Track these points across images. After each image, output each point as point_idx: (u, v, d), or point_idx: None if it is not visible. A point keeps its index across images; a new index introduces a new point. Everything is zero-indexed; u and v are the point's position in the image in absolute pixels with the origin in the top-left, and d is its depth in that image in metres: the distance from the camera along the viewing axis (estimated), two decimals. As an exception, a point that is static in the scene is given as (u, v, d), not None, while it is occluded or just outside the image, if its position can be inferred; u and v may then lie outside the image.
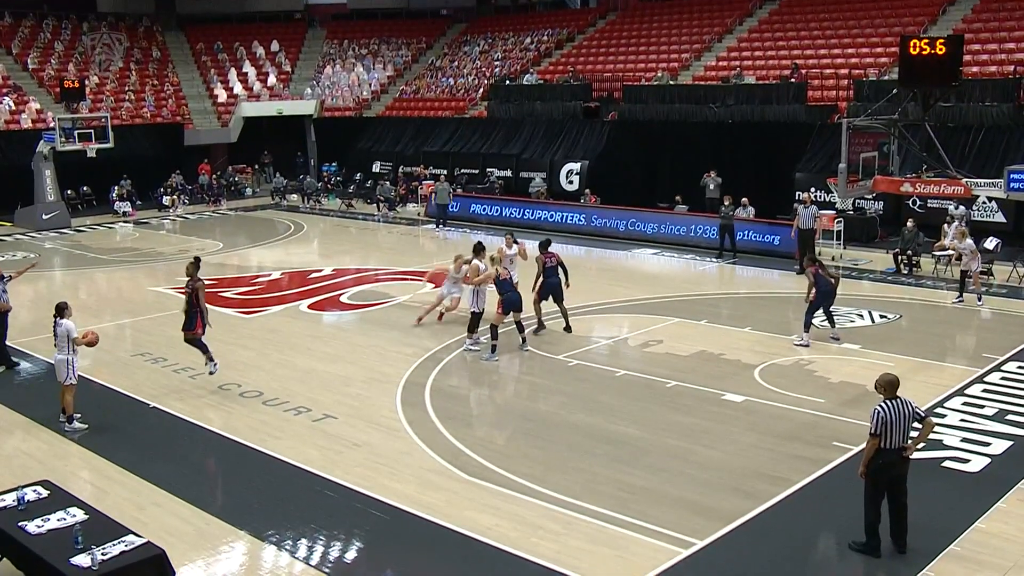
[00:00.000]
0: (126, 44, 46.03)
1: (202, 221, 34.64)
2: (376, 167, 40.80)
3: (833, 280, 16.67)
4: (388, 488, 11.04)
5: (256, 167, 43.48)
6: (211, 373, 14.78)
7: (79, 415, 13.24)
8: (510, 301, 16.48)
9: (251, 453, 12.27)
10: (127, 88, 43.03)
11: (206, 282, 15.33)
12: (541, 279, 17.74)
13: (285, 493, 11.10)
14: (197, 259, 14.91)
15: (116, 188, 35.97)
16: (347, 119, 43.86)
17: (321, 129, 44.13)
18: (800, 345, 16.60)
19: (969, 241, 19.79)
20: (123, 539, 8.32)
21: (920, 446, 9.68)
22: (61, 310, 13.16)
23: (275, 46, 48.38)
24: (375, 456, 12.07)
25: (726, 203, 25.48)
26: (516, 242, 18.79)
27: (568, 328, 17.68)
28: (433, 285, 20.13)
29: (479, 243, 17.46)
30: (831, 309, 16.98)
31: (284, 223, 33.37)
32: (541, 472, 11.43)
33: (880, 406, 9.19)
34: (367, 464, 11.81)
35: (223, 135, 43.03)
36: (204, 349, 14.73)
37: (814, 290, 16.58)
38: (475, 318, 16.56)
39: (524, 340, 16.71)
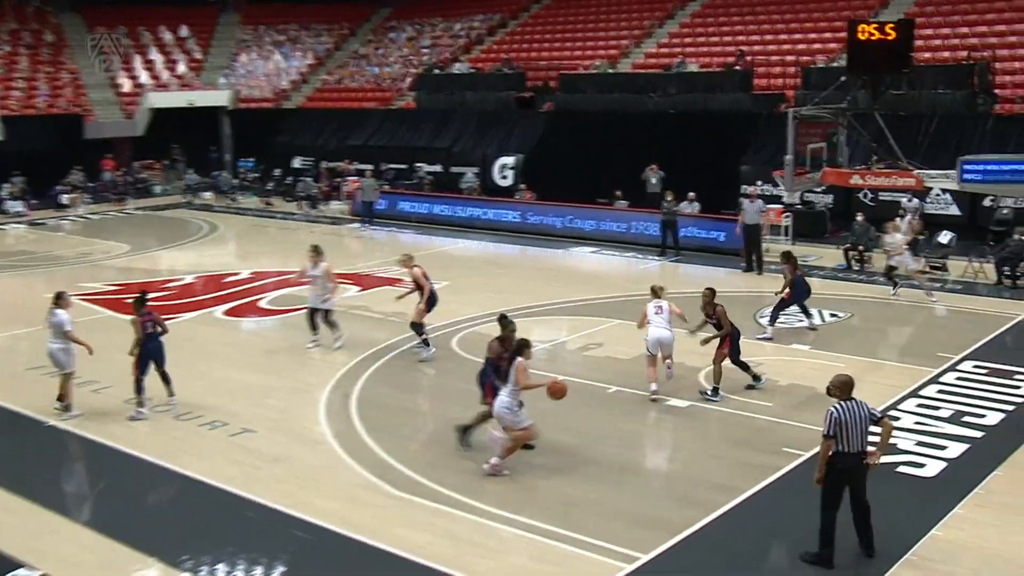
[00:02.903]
0: (13, 26, 44.84)
1: (106, 221, 33.98)
2: (297, 162, 40.45)
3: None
4: (312, 506, 10.92)
5: (166, 163, 42.75)
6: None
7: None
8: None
9: (162, 472, 12.04)
10: (16, 75, 41.97)
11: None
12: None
13: (200, 515, 10.92)
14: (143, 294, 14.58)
15: (7, 186, 35.12)
16: (264, 111, 43.40)
17: (236, 122, 43.58)
18: (764, 339, 16.97)
19: (899, 235, 20.34)
20: (14, 573, 8.08)
21: (882, 453, 9.84)
22: (58, 299, 13.81)
23: (184, 31, 47.63)
24: (298, 472, 11.94)
25: (668, 198, 25.71)
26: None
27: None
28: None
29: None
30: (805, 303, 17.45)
31: (197, 223, 32.92)
32: (476, 485, 11.40)
33: (834, 407, 9.33)
34: (289, 481, 11.67)
35: (128, 128, 42.23)
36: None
37: (788, 289, 17.01)
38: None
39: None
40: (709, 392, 14.28)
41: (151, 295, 15.08)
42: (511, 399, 11.53)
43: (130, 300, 14.71)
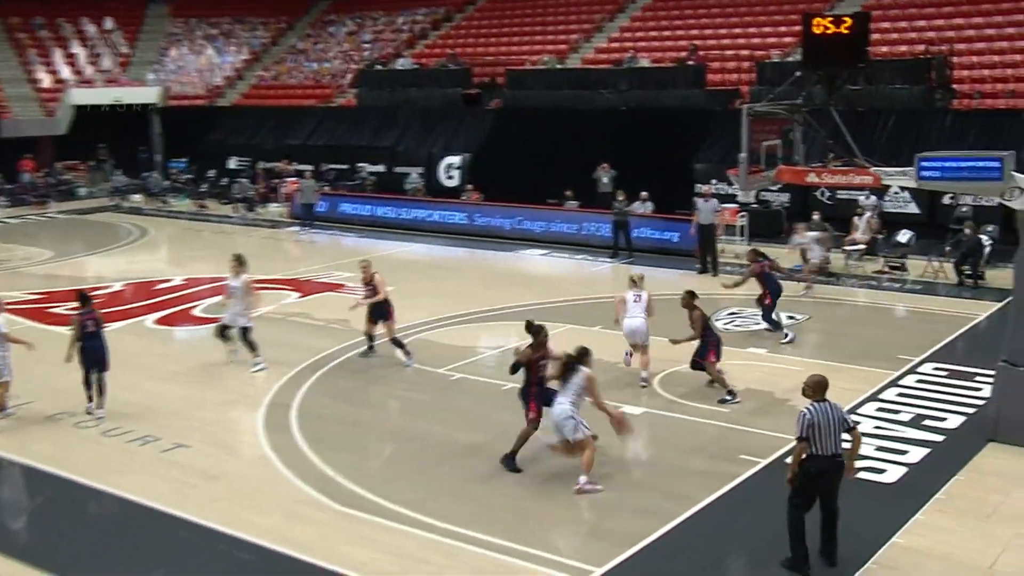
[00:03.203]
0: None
1: (26, 226, 33.40)
2: (232, 163, 40.09)
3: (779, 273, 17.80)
4: (250, 523, 10.83)
5: (91, 163, 42.19)
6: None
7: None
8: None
9: (88, 492, 11.86)
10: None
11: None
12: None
13: (130, 536, 10.78)
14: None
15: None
16: (197, 109, 42.99)
17: (167, 120, 43.06)
18: (787, 342, 17.46)
19: (812, 234, 20.79)
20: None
21: (854, 462, 10.02)
22: None
23: (109, 23, 46.96)
24: (235, 488, 11.84)
25: (620, 198, 25.85)
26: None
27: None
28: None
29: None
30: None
31: (126, 227, 32.51)
32: (422, 498, 11.37)
33: (807, 409, 9.52)
34: (226, 498, 11.56)
35: (49, 126, 41.59)
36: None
37: (764, 291, 17.38)
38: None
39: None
40: (727, 397, 14.53)
41: (76, 304, 14.85)
42: (573, 408, 11.56)
43: (55, 309, 14.55)
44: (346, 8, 47.88)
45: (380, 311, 16.61)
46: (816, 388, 9.65)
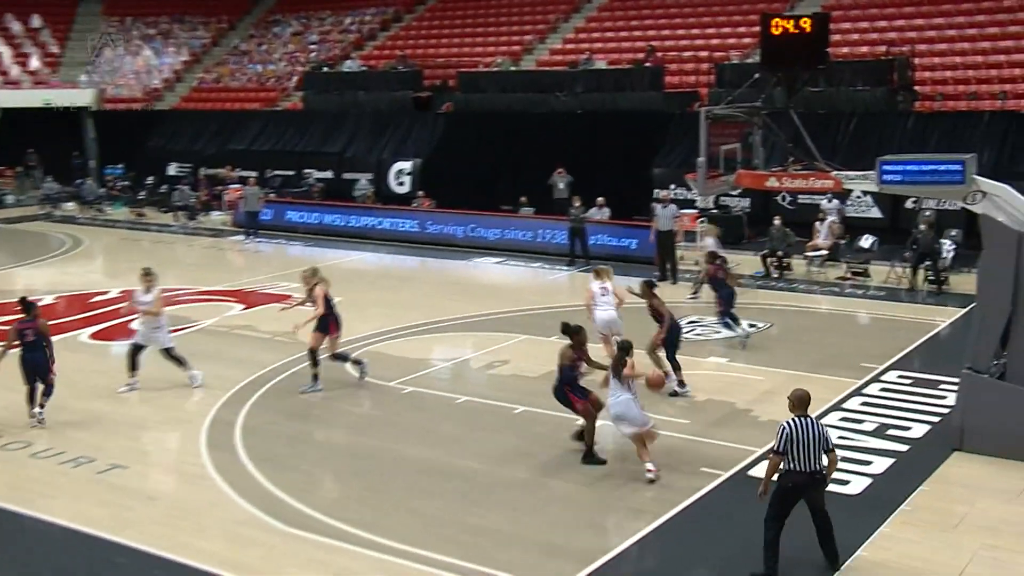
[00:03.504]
0: None
1: (-48, 236, 32.97)
2: (172, 169, 39.83)
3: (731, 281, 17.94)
4: (192, 548, 10.72)
5: (19, 170, 41.73)
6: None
7: None
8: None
9: (15, 518, 11.64)
10: None
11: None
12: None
13: (62, 564, 10.62)
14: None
15: None
16: (134, 112, 42.70)
17: (102, 124, 42.71)
18: (742, 339, 17.88)
19: (710, 240, 20.98)
20: None
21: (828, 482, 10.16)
22: None
23: (36, 21, 46.42)
24: (175, 510, 11.72)
25: (576, 204, 25.95)
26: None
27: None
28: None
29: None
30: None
31: (58, 237, 32.14)
32: (373, 517, 11.33)
33: (787, 422, 9.65)
34: (165, 521, 11.43)
35: (-28, 130, 41.10)
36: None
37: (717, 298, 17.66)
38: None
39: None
40: (678, 389, 15.00)
41: (4, 319, 14.69)
42: (636, 399, 12.32)
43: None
44: (291, 8, 47.74)
45: (323, 324, 15.85)
46: (798, 403, 9.80)
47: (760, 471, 12.26)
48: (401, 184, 34.07)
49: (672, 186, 27.62)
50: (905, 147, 24.23)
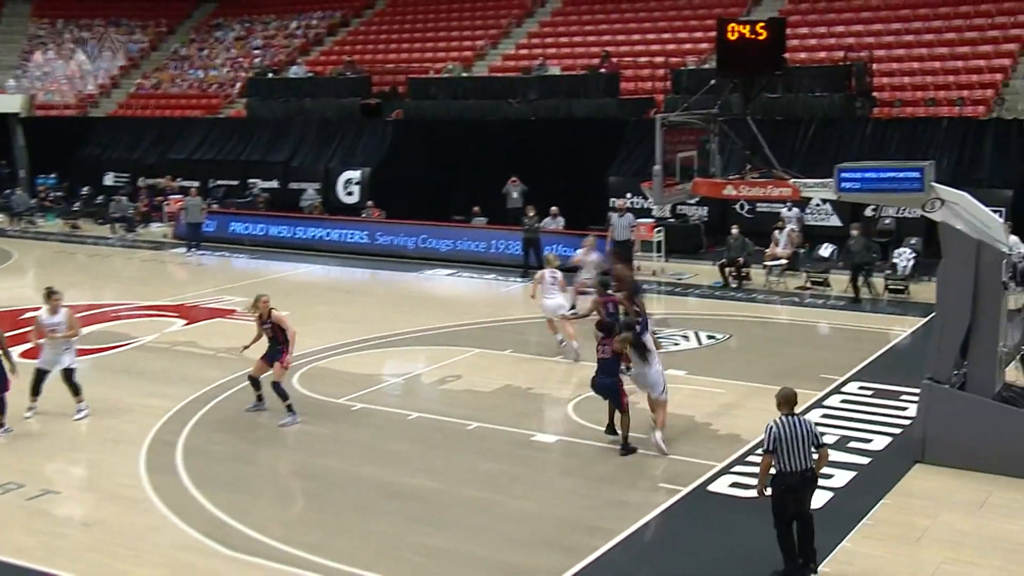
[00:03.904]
0: None
1: None
2: (109, 179, 39.43)
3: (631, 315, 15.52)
4: (130, 575, 10.60)
5: (-55, 180, 41.12)
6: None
7: None
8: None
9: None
10: None
11: None
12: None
13: (-6, 593, 10.47)
14: None
15: None
16: (68, 119, 42.21)
17: (33, 132, 42.20)
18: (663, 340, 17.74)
19: (595, 255, 21.15)
20: None
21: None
22: None
23: (-42, 23, 45.90)
24: (112, 537, 11.56)
25: (530, 213, 26.02)
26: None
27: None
28: None
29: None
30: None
31: (-13, 251, 31.70)
32: (322, 539, 11.27)
33: (774, 422, 9.89)
34: (101, 548, 11.28)
35: None
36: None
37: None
38: None
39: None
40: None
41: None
42: (660, 365, 14.01)
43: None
44: (234, 11, 47.45)
45: (276, 352, 15.27)
46: (784, 401, 10.06)
47: (720, 486, 12.44)
48: (350, 194, 33.97)
49: (628, 195, 27.72)
50: (864, 154, 24.55)
